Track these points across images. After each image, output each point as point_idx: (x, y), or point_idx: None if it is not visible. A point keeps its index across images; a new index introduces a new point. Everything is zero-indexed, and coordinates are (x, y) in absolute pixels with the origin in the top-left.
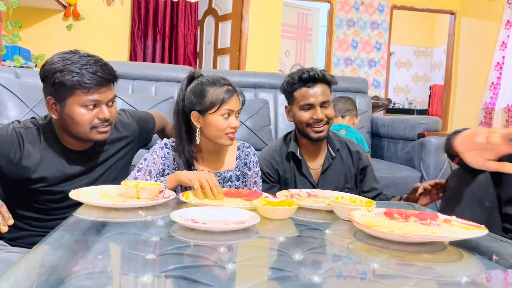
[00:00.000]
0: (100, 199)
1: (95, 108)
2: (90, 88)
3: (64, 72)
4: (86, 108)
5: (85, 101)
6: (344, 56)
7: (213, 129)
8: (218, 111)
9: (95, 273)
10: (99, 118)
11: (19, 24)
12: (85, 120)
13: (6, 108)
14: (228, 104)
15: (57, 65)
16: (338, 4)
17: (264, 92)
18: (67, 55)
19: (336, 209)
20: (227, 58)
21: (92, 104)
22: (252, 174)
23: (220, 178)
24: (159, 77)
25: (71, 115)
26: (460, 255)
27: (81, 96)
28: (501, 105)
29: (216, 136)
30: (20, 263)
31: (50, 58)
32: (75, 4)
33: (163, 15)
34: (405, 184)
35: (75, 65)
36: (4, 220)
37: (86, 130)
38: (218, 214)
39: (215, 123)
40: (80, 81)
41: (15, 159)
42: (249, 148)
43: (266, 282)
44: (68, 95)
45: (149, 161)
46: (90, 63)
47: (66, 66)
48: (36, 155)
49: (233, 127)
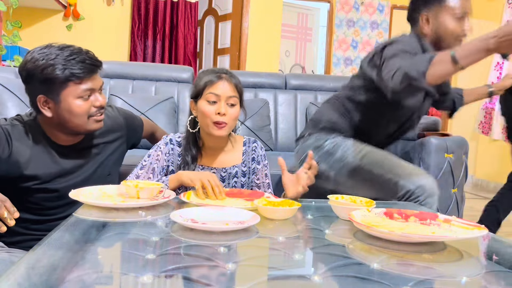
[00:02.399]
0: (100, 199)
1: (90, 97)
2: (83, 78)
3: (54, 67)
4: (82, 98)
5: (80, 91)
6: (344, 56)
7: (201, 116)
8: (203, 96)
9: (95, 273)
10: (95, 106)
11: (19, 24)
12: (83, 111)
13: (6, 108)
14: (212, 88)
15: (42, 62)
16: (338, 4)
17: (264, 92)
18: (46, 50)
19: (336, 209)
20: (227, 58)
21: (87, 93)
22: (262, 168)
23: (226, 174)
24: (159, 77)
25: (68, 108)
26: (460, 255)
27: (75, 87)
28: None
29: (204, 124)
30: (20, 263)
31: (28, 56)
32: (75, 4)
33: (163, 15)
34: None
35: (60, 58)
36: (10, 214)
37: (84, 121)
38: (219, 214)
39: (201, 109)
40: (73, 72)
41: (4, 155)
42: (255, 143)
43: (266, 282)
44: (62, 89)
45: (152, 158)
46: (75, 53)
47: (52, 61)
48: (25, 151)
49: (219, 113)
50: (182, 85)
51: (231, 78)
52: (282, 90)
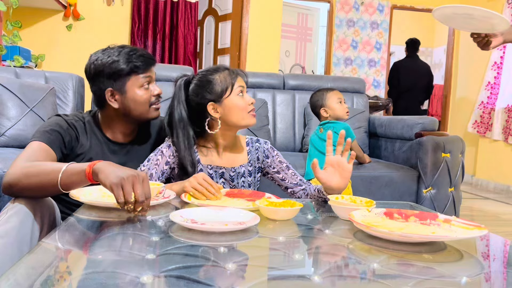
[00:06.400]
0: (100, 199)
1: (149, 86)
2: (144, 70)
3: (119, 62)
4: (143, 87)
5: (141, 81)
6: (344, 56)
7: (235, 111)
8: (232, 92)
9: (95, 273)
10: (154, 95)
11: (19, 24)
12: (146, 99)
13: (6, 108)
14: (238, 81)
15: (108, 59)
16: (338, 4)
17: (262, 92)
18: (108, 50)
19: (336, 209)
20: (227, 58)
21: (147, 82)
22: (275, 157)
23: (235, 173)
24: (159, 77)
25: (133, 98)
26: (460, 255)
27: (138, 78)
28: (501, 105)
29: (240, 117)
30: (20, 263)
31: (93, 57)
32: (75, 4)
33: (163, 15)
34: (402, 183)
35: (123, 54)
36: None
37: (146, 109)
38: (219, 215)
39: (235, 104)
40: (135, 65)
41: (72, 146)
42: (258, 142)
43: (266, 282)
44: (126, 80)
45: (151, 163)
46: (134, 50)
47: (116, 57)
48: (86, 144)
49: (251, 103)
50: None
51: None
52: (281, 90)
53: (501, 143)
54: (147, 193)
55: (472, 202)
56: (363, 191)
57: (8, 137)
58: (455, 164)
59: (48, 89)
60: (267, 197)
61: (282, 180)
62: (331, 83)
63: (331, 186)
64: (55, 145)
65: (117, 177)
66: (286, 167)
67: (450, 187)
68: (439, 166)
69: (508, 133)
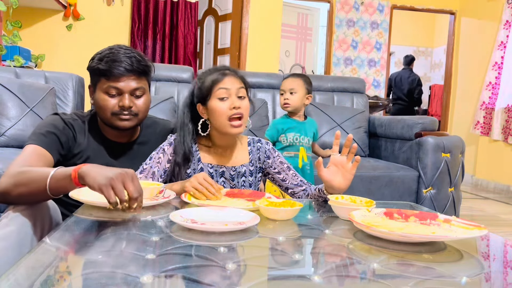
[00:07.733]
0: (100, 199)
1: (116, 96)
2: (110, 77)
3: (96, 60)
4: (108, 95)
5: (106, 88)
6: (344, 56)
7: (216, 116)
8: (213, 95)
9: (95, 273)
10: (119, 106)
11: (19, 24)
12: (106, 106)
13: (6, 108)
14: (221, 83)
15: (97, 55)
16: (338, 4)
17: (262, 92)
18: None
19: (336, 209)
20: (227, 58)
21: (113, 92)
22: (276, 158)
23: (235, 173)
24: (159, 77)
25: (97, 100)
26: (460, 255)
27: (104, 83)
28: (501, 105)
29: (219, 123)
30: (20, 263)
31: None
32: (75, 4)
33: (163, 15)
34: (402, 183)
35: (103, 54)
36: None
37: (108, 116)
38: (219, 215)
39: (215, 108)
40: (99, 68)
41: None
42: (259, 142)
43: (266, 282)
44: (97, 81)
45: (153, 161)
46: (114, 53)
47: (99, 55)
48: (83, 143)
49: (234, 107)
50: (182, 85)
51: (236, 72)
52: None
53: (501, 143)
54: (139, 190)
55: (472, 202)
56: (363, 191)
57: (8, 137)
58: (455, 164)
59: (48, 89)
60: (267, 197)
61: (283, 180)
62: (331, 83)
63: (333, 185)
64: (51, 147)
65: (105, 178)
66: (287, 168)
67: (450, 187)
68: (439, 166)
69: (508, 133)
